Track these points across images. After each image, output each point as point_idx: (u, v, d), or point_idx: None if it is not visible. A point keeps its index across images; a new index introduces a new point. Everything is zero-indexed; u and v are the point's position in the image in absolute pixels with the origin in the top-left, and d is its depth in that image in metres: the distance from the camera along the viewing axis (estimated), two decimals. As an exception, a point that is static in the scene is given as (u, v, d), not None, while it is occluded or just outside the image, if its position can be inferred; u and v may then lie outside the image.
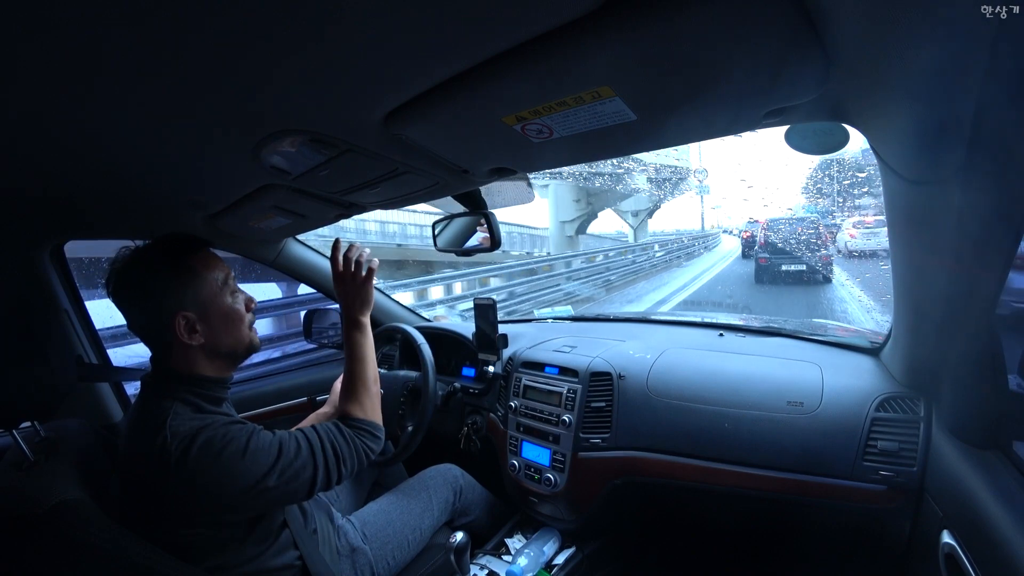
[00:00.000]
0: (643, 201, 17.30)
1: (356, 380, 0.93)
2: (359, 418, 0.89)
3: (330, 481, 0.80)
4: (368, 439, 0.87)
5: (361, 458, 0.85)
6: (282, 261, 1.41)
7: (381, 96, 0.53)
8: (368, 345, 0.96)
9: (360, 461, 0.84)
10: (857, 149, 8.65)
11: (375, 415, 0.91)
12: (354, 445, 0.84)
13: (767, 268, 8.87)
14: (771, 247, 8.95)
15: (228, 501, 0.71)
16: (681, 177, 17.60)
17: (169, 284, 0.75)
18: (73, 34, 0.37)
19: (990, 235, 0.54)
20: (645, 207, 17.78)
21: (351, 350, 0.95)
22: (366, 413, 0.90)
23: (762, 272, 8.93)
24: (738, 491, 1.01)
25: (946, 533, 0.71)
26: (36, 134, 0.57)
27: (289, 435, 0.78)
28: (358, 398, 0.91)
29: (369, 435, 0.87)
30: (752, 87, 0.49)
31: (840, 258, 10.37)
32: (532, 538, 1.23)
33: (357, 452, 0.84)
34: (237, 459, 0.70)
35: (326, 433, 0.82)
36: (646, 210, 17.95)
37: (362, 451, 0.85)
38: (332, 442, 0.81)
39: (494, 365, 1.40)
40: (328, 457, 0.80)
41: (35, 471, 0.70)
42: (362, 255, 0.98)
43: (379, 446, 0.88)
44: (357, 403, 0.91)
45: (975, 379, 0.72)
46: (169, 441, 0.68)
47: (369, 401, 0.92)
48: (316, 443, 0.80)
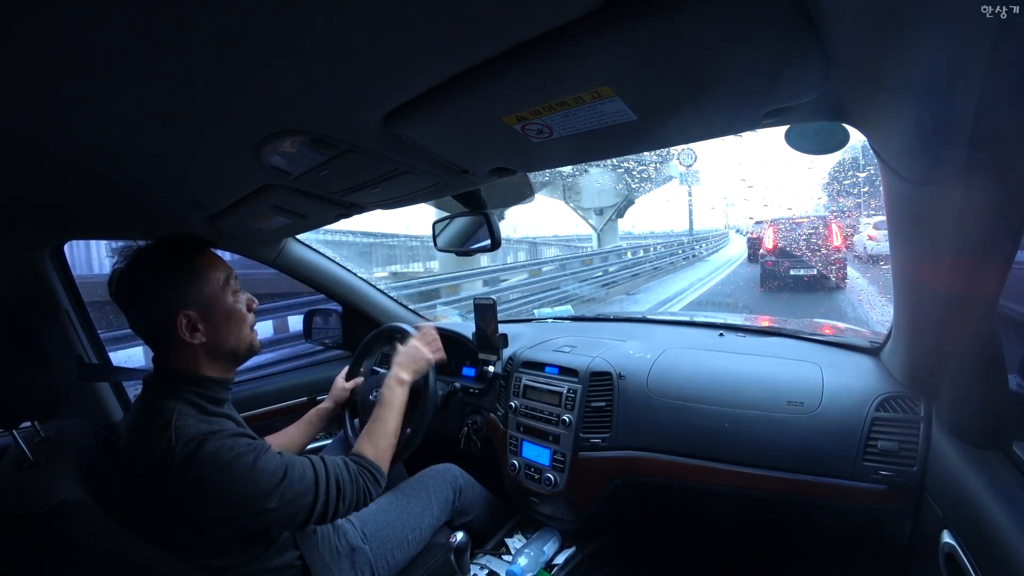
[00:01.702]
0: (609, 195, 13.81)
1: (380, 424, 0.97)
2: (369, 459, 0.90)
3: (326, 514, 0.79)
4: (371, 482, 0.87)
5: (360, 498, 0.85)
6: (282, 261, 1.41)
7: (381, 96, 0.53)
8: (402, 400, 1.04)
9: (358, 501, 0.84)
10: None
11: (384, 462, 0.93)
12: (357, 484, 0.84)
13: (773, 273, 8.14)
14: (778, 249, 8.23)
15: (225, 513, 0.70)
16: (660, 161, 14.00)
17: (171, 283, 0.75)
18: (73, 34, 0.37)
19: (990, 235, 0.54)
20: (612, 203, 14.16)
21: (385, 398, 1.02)
22: (377, 457, 0.92)
23: (768, 277, 8.28)
24: (738, 491, 1.01)
25: (946, 533, 0.71)
26: (36, 135, 0.57)
27: (297, 460, 0.78)
28: (375, 442, 0.94)
29: (373, 479, 0.88)
30: (752, 87, 0.49)
31: (860, 263, 9.42)
32: (532, 538, 1.23)
33: (358, 492, 0.84)
34: (242, 475, 0.70)
35: (332, 466, 0.82)
36: (614, 206, 14.32)
37: (363, 491, 0.85)
38: (337, 476, 0.81)
39: (494, 365, 1.40)
40: (330, 490, 0.79)
41: (35, 471, 0.70)
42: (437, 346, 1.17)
43: (378, 492, 0.89)
44: (372, 445, 0.93)
45: (975, 379, 0.72)
46: (174, 443, 0.68)
47: (384, 447, 0.95)
48: (322, 473, 0.80)
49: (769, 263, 8.27)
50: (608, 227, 14.66)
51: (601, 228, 14.54)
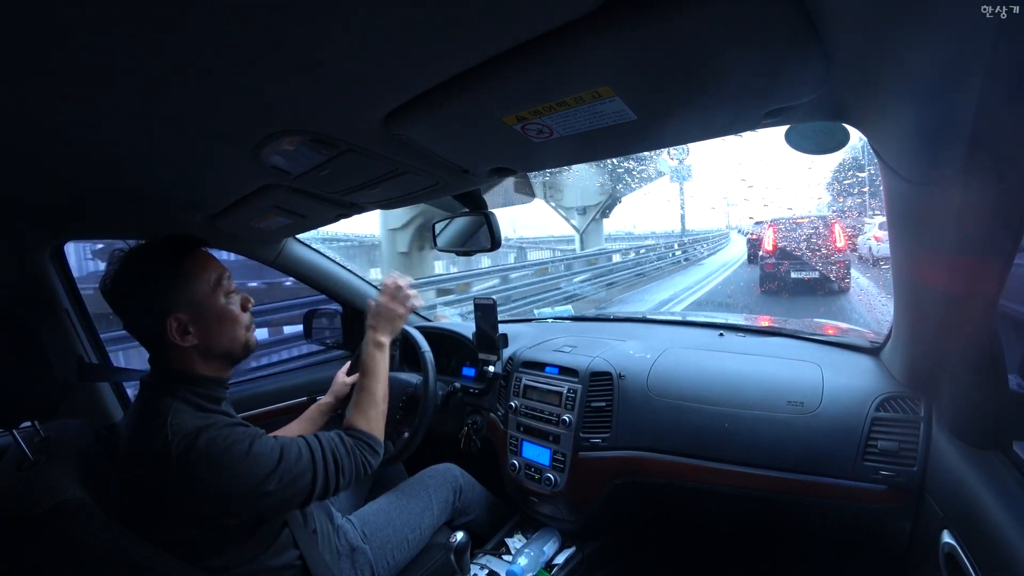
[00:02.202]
0: (593, 193, 12.89)
1: (366, 394, 0.96)
2: (362, 430, 0.90)
3: (327, 490, 0.80)
4: (368, 452, 0.88)
5: (359, 470, 0.85)
6: (282, 261, 1.41)
7: (381, 96, 0.53)
8: (384, 364, 1.01)
9: (358, 473, 0.85)
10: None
11: (378, 431, 0.93)
12: (354, 456, 0.85)
13: (773, 275, 7.69)
14: (778, 250, 7.80)
15: (227, 503, 0.71)
16: (649, 155, 11.93)
17: (160, 286, 0.75)
18: (73, 36, 0.37)
19: (990, 235, 0.54)
20: (596, 201, 13.25)
21: (367, 365, 0.99)
22: (370, 427, 0.92)
23: (767, 279, 7.89)
24: (738, 491, 1.01)
25: (946, 533, 0.71)
26: (36, 135, 0.57)
27: (291, 441, 0.79)
28: (364, 411, 0.94)
29: (369, 449, 0.89)
30: (752, 87, 0.49)
31: (864, 265, 8.99)
32: (532, 538, 1.23)
33: (356, 464, 0.85)
34: (239, 461, 0.70)
35: (328, 442, 0.83)
36: (598, 205, 13.38)
37: (361, 463, 0.86)
38: (333, 451, 0.82)
39: (494, 365, 1.40)
40: (328, 466, 0.80)
41: (35, 471, 0.70)
42: (412, 292, 1.08)
43: (377, 461, 0.90)
44: (363, 416, 0.93)
45: (975, 379, 0.72)
46: (171, 439, 0.68)
47: (375, 416, 0.95)
48: (317, 451, 0.80)
49: (769, 265, 7.81)
50: (592, 227, 13.62)
51: (584, 229, 13.47)
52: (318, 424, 1.20)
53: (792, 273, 7.36)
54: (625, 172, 13.51)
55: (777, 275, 7.62)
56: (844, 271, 7.21)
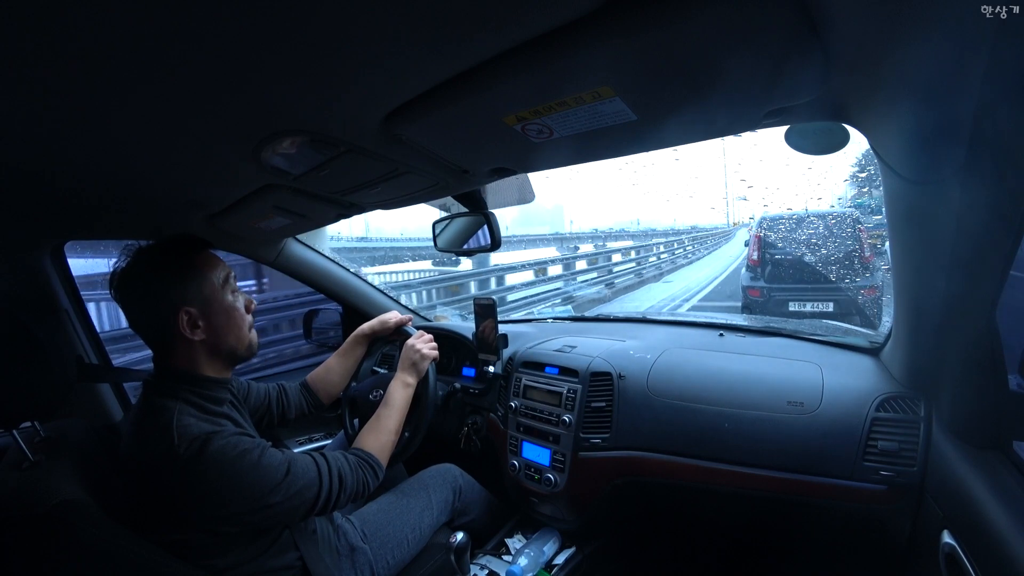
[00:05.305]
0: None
1: (382, 423, 1.00)
2: (369, 452, 0.93)
3: (328, 505, 0.81)
4: (370, 474, 0.90)
5: (359, 489, 0.87)
6: (282, 261, 1.41)
7: (381, 96, 0.53)
8: (406, 401, 1.07)
9: (358, 492, 0.87)
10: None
11: (383, 458, 0.95)
12: (357, 476, 0.87)
13: (762, 305, 4.71)
14: (769, 265, 4.84)
15: (230, 511, 0.71)
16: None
17: (172, 280, 0.76)
18: (74, 36, 0.37)
19: (990, 235, 0.54)
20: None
21: (389, 398, 1.05)
22: (377, 452, 0.94)
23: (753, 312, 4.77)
24: (738, 491, 1.01)
25: (946, 533, 0.71)
26: (36, 135, 0.57)
27: (299, 456, 0.80)
28: (377, 436, 0.97)
29: (371, 470, 0.91)
30: (752, 87, 0.49)
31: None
32: (532, 538, 1.23)
33: (358, 483, 0.87)
34: (248, 471, 0.71)
35: (334, 460, 0.85)
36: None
37: (362, 483, 0.88)
38: (339, 469, 0.84)
39: (494, 365, 1.40)
40: (333, 483, 0.82)
41: (35, 471, 0.70)
42: (433, 345, 1.16)
43: (375, 484, 0.92)
44: (375, 439, 0.97)
45: (975, 379, 0.72)
46: (177, 442, 0.68)
47: (385, 443, 0.98)
48: (324, 467, 0.82)
49: (754, 292, 4.79)
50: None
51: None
52: (354, 356, 1.23)
53: (791, 304, 4.55)
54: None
55: (768, 308, 4.65)
56: (876, 300, 4.31)
